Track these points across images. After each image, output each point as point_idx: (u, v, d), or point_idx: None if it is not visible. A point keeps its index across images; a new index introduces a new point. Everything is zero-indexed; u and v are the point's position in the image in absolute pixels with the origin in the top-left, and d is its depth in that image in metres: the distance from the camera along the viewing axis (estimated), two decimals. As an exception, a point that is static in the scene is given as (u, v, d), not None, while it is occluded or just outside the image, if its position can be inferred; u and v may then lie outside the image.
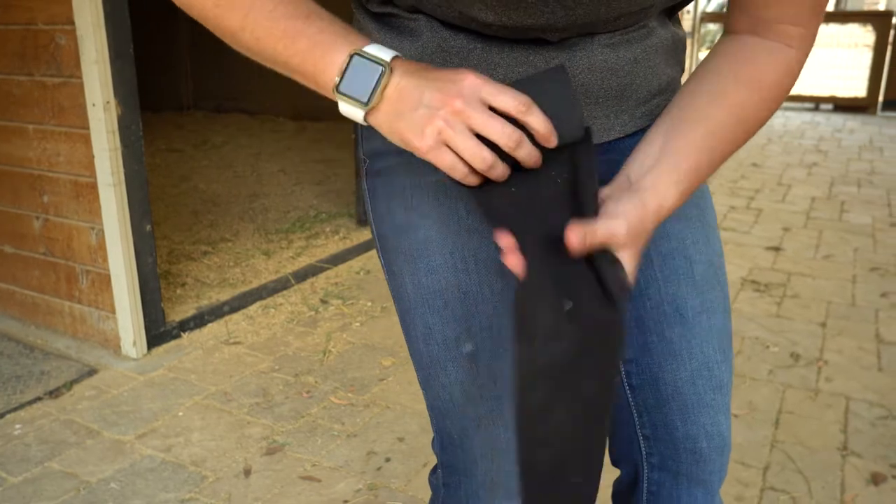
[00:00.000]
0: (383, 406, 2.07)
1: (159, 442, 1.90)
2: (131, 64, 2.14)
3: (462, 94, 0.61)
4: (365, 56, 0.63)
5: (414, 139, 0.62)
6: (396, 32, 0.76)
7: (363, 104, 0.63)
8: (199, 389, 2.15)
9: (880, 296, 2.81)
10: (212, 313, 2.56)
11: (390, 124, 0.64)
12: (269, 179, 4.42)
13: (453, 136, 0.61)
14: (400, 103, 0.63)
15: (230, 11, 0.67)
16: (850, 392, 2.12)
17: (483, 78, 0.62)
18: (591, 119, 0.77)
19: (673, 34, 0.79)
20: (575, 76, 0.73)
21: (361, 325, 2.58)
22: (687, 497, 0.84)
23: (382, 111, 0.64)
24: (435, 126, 0.61)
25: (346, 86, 0.64)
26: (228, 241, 3.27)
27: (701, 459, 0.83)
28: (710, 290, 0.82)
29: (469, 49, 0.73)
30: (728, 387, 0.85)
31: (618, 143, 0.81)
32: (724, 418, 0.84)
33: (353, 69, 0.63)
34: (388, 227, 0.81)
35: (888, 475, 1.75)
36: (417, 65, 0.64)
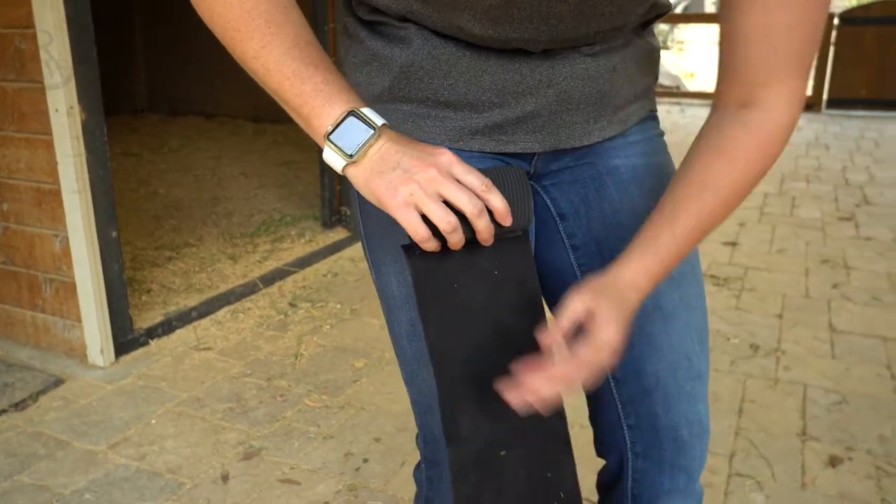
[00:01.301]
0: (358, 407, 2.09)
1: (133, 450, 1.88)
2: (95, 69, 2.12)
3: (438, 164, 0.68)
4: (360, 116, 0.70)
5: (387, 196, 0.68)
6: (387, 40, 0.79)
7: (347, 156, 0.70)
8: (171, 396, 2.13)
9: (832, 287, 2.92)
10: (180, 319, 2.54)
11: (367, 180, 0.70)
12: (230, 183, 4.38)
13: (424, 198, 0.67)
14: (380, 163, 0.70)
15: (248, 39, 0.71)
16: (807, 380, 2.21)
17: (457, 157, 0.69)
18: (572, 124, 0.81)
19: (647, 44, 0.84)
20: (558, 83, 0.78)
21: (332, 327, 2.59)
22: (669, 483, 0.89)
23: (361, 167, 0.70)
24: (409, 188, 0.68)
25: (337, 136, 0.70)
26: (193, 246, 3.24)
27: (683, 446, 0.87)
28: (687, 285, 0.86)
29: (458, 56, 0.76)
30: (706, 376, 0.89)
31: (595, 147, 0.85)
32: (702, 406, 0.88)
33: (346, 124, 0.70)
34: (375, 226, 0.84)
35: (844, 457, 1.84)
36: (401, 135, 0.72)
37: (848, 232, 3.62)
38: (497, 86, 0.77)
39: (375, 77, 0.81)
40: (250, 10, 0.70)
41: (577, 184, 0.87)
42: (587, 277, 0.87)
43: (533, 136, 0.81)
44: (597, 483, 1.00)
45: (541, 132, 0.80)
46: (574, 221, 0.87)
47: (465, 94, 0.78)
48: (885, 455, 1.85)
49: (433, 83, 0.78)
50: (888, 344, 2.44)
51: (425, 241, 0.69)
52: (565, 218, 0.88)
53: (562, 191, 0.87)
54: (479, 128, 0.79)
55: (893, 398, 2.11)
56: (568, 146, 0.82)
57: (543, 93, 0.78)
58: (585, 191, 0.86)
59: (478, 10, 0.70)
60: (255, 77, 0.74)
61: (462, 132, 0.79)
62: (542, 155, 0.85)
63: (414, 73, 0.78)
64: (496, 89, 0.77)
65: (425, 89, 0.78)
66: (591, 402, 0.94)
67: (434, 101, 0.79)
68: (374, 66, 0.81)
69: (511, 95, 0.78)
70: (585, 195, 0.86)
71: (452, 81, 0.77)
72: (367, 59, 0.81)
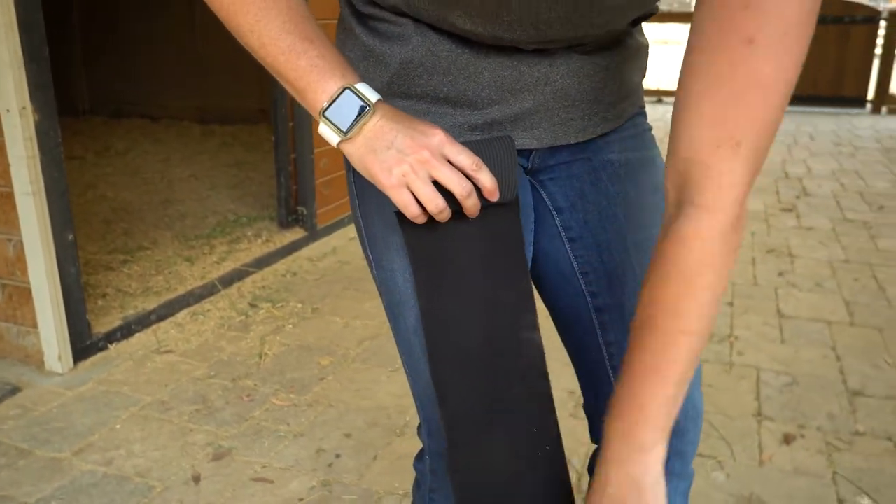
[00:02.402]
0: (326, 404, 2.09)
1: (98, 456, 1.85)
2: (47, 68, 2.07)
3: (430, 146, 0.70)
4: (355, 92, 0.71)
5: (380, 175, 0.71)
6: (385, 38, 0.80)
7: (342, 132, 0.71)
8: (135, 400, 2.10)
9: (778, 275, 3.04)
10: (139, 323, 2.50)
11: (361, 156, 0.72)
12: (181, 185, 4.31)
13: (415, 180, 0.70)
14: (374, 140, 0.71)
15: (243, 12, 0.72)
16: (759, 363, 2.30)
17: (449, 137, 0.71)
18: (569, 121, 0.84)
19: (636, 42, 0.87)
20: (555, 81, 0.80)
21: (294, 326, 2.58)
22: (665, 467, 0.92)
23: (356, 143, 0.72)
24: (402, 168, 0.70)
25: (332, 113, 0.71)
26: (147, 249, 3.19)
27: (678, 431, 0.90)
28: None
29: (458, 54, 0.78)
30: (698, 363, 0.93)
31: (591, 143, 0.88)
32: (696, 392, 0.92)
33: (341, 100, 0.71)
34: (378, 222, 0.85)
35: (797, 435, 1.92)
36: (396, 111, 0.73)
37: (790, 222, 3.77)
38: (496, 83, 0.79)
39: (373, 73, 0.81)
40: None
41: (574, 178, 0.89)
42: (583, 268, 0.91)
43: (531, 133, 0.83)
44: (589, 468, 1.04)
45: (538, 128, 0.83)
46: (570, 215, 0.90)
47: (465, 91, 0.79)
48: (834, 431, 1.94)
49: (432, 80, 0.79)
50: (832, 327, 2.55)
51: (416, 216, 0.72)
52: (562, 211, 0.90)
53: (558, 185, 0.90)
54: (478, 124, 0.81)
55: (839, 378, 2.21)
56: (565, 142, 0.85)
57: (541, 90, 0.80)
58: (581, 185, 0.89)
59: (469, 8, 0.72)
60: (249, 50, 0.74)
61: (461, 128, 0.81)
62: (539, 151, 0.87)
63: (413, 70, 0.79)
64: (495, 86, 0.79)
65: (424, 86, 0.80)
66: (587, 389, 0.97)
67: (433, 97, 0.80)
68: (370, 61, 0.81)
69: (509, 92, 0.79)
70: (581, 189, 0.89)
71: (452, 78, 0.79)
72: (363, 54, 0.82)
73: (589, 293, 0.92)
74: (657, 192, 0.91)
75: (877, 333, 2.51)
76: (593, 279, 0.91)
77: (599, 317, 0.92)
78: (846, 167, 5.05)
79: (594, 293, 0.92)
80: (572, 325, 0.95)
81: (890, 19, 7.36)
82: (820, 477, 1.76)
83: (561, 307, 0.96)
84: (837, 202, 4.16)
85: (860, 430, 1.95)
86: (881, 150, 5.65)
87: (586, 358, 0.95)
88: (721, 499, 1.68)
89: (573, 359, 0.98)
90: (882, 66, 7.34)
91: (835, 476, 1.76)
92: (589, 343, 0.94)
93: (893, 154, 5.48)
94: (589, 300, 0.92)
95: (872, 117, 7.21)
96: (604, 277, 0.91)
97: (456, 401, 0.79)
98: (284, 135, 3.31)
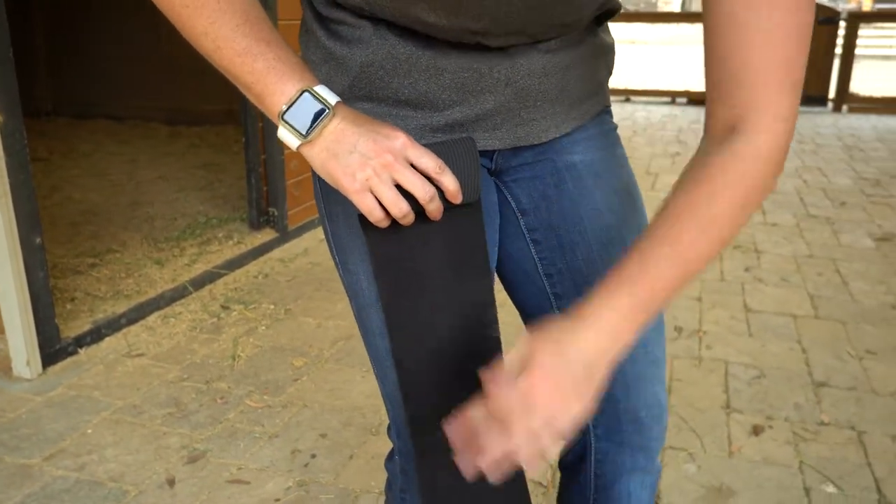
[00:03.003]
0: (301, 405, 2.09)
1: (70, 462, 1.83)
2: (12, 69, 2.04)
3: (393, 149, 0.70)
4: (314, 94, 0.71)
5: (343, 180, 0.71)
6: (345, 41, 0.80)
7: (302, 136, 0.71)
8: (106, 405, 2.08)
9: (744, 270, 3.11)
10: (109, 326, 2.47)
11: (323, 161, 0.72)
12: (149, 187, 4.26)
13: (379, 184, 0.70)
14: (336, 144, 0.71)
15: (196, 15, 0.71)
16: (727, 357, 2.35)
17: (411, 140, 0.71)
18: (530, 121, 0.84)
19: (601, 41, 0.88)
20: (516, 81, 0.80)
21: (267, 328, 2.57)
22: (630, 462, 0.95)
23: (317, 146, 0.72)
24: (365, 173, 0.70)
25: (291, 116, 0.71)
26: (116, 252, 3.15)
27: (642, 428, 0.93)
28: None
29: (418, 56, 0.78)
30: (662, 361, 0.95)
31: (553, 143, 0.89)
32: (660, 389, 0.94)
33: (300, 102, 0.71)
34: (343, 226, 0.85)
35: (765, 426, 1.97)
36: (356, 113, 0.73)
37: (755, 219, 3.85)
38: (457, 84, 0.79)
39: (334, 76, 0.81)
40: None
41: (537, 179, 0.90)
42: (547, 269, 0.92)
43: (492, 134, 0.83)
44: (559, 463, 1.05)
45: (500, 129, 0.83)
46: (535, 216, 0.90)
47: (426, 93, 0.79)
48: (800, 422, 1.99)
49: (393, 82, 0.79)
50: (798, 321, 2.61)
51: (379, 221, 0.72)
52: (526, 213, 0.91)
53: (522, 187, 0.90)
54: (440, 126, 0.81)
55: (805, 370, 2.27)
56: (527, 143, 0.85)
57: (502, 91, 0.80)
58: (544, 186, 0.89)
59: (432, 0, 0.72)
60: (204, 54, 0.73)
61: (423, 130, 0.81)
62: (502, 151, 0.87)
63: (374, 73, 0.79)
64: (456, 87, 0.79)
65: (385, 88, 0.80)
66: None
67: (394, 99, 0.80)
68: (332, 65, 0.81)
69: (471, 93, 0.79)
70: (545, 191, 0.89)
71: (412, 80, 0.79)
72: (324, 57, 0.82)
73: (553, 294, 0.93)
74: (621, 192, 0.92)
75: (840, 326, 2.57)
76: (557, 280, 0.92)
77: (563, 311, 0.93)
78: (809, 164, 5.16)
79: (558, 294, 0.93)
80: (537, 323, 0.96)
81: (849, 20, 7.53)
82: (787, 466, 1.80)
83: (527, 308, 0.97)
84: (801, 199, 4.25)
85: (825, 420, 2.00)
86: (842, 147, 5.78)
87: None
88: (692, 490, 1.71)
89: None
90: (842, 66, 7.50)
91: (801, 465, 1.80)
92: None
93: (854, 151, 5.61)
94: (553, 301, 0.93)
95: (833, 115, 7.37)
96: (568, 279, 0.92)
97: (420, 401, 0.80)
98: (254, 136, 3.29)
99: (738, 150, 0.67)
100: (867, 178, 4.79)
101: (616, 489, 0.96)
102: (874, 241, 3.51)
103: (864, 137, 6.22)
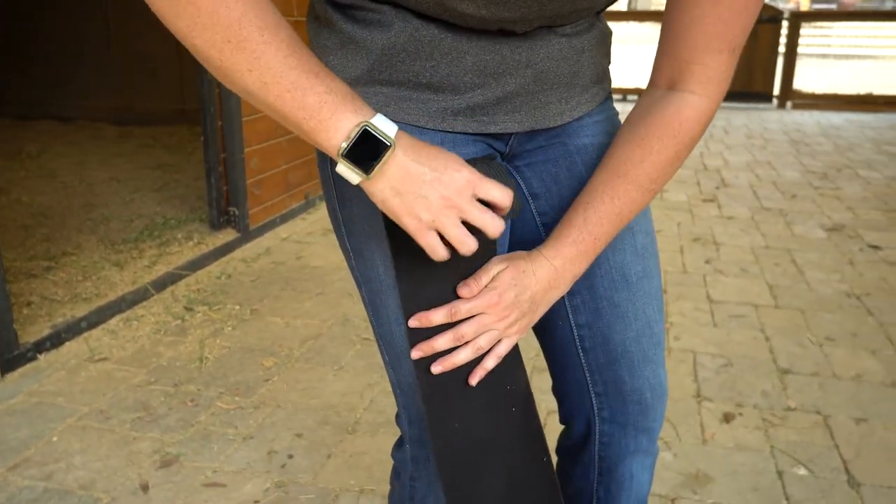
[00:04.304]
0: (274, 406, 2.06)
1: (36, 471, 1.77)
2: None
3: (459, 190, 0.70)
4: (373, 130, 0.67)
5: (407, 219, 0.70)
6: (363, 24, 0.78)
7: (364, 175, 0.68)
8: (71, 411, 2.01)
9: (705, 262, 3.17)
10: (69, 331, 2.39)
11: (385, 199, 0.70)
12: (101, 189, 4.14)
13: (446, 225, 0.71)
14: (401, 184, 0.69)
15: (240, 51, 0.65)
16: (694, 347, 2.39)
17: (476, 175, 0.71)
18: (547, 104, 0.85)
19: (604, 27, 0.90)
20: (536, 63, 0.81)
21: (234, 328, 2.53)
22: (634, 444, 0.96)
23: (380, 183, 0.69)
24: (432, 214, 0.70)
25: (352, 154, 0.67)
26: (71, 255, 3.05)
27: (646, 409, 0.94)
28: (649, 256, 0.93)
29: (440, 38, 0.77)
30: (664, 342, 0.97)
31: (565, 127, 0.89)
32: (662, 371, 0.95)
33: (359, 139, 0.67)
34: (359, 210, 0.84)
35: (736, 413, 2.01)
36: (417, 144, 0.70)
37: (712, 212, 3.93)
38: (478, 67, 0.79)
39: (351, 61, 0.80)
40: (240, 18, 0.63)
41: (549, 163, 0.90)
42: None
43: (512, 117, 0.83)
44: (557, 448, 1.06)
45: (519, 112, 0.83)
46: (546, 200, 0.91)
47: (447, 76, 0.79)
48: (769, 408, 2.04)
49: (415, 65, 0.78)
50: (759, 310, 2.68)
51: (441, 258, 0.73)
52: (537, 197, 0.91)
53: (534, 170, 0.91)
54: (461, 109, 0.81)
55: (769, 357, 2.33)
56: (544, 126, 0.86)
57: (522, 73, 0.80)
58: (557, 169, 0.90)
59: None
60: (245, 94, 0.67)
61: (444, 113, 0.81)
62: (518, 135, 0.88)
63: (395, 56, 0.78)
64: (477, 70, 0.79)
65: (406, 72, 0.79)
66: (557, 373, 0.99)
67: (415, 83, 0.79)
68: (349, 49, 0.80)
69: (492, 76, 0.79)
70: (556, 174, 0.90)
71: (434, 63, 0.78)
72: (341, 42, 0.80)
73: None
74: None
75: (800, 315, 2.65)
76: None
77: (571, 300, 0.94)
78: (759, 159, 5.30)
79: None
80: None
81: (791, 19, 7.76)
82: (759, 451, 1.84)
83: None
84: (754, 192, 4.37)
85: (792, 405, 2.05)
86: (789, 142, 5.96)
87: (556, 340, 0.97)
88: (670, 477, 1.74)
89: (543, 341, 1.00)
90: (786, 64, 7.73)
91: (773, 450, 1.85)
92: (559, 326, 0.96)
93: (801, 146, 5.79)
94: None
95: (779, 112, 7.59)
96: None
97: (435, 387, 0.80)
98: (213, 135, 3.23)
99: (673, 109, 0.78)
100: (814, 171, 4.95)
101: (619, 471, 0.97)
102: (825, 231, 3.63)
103: (808, 132, 6.42)
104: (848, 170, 4.99)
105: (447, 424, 0.81)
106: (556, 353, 0.99)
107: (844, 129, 6.66)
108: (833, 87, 8.29)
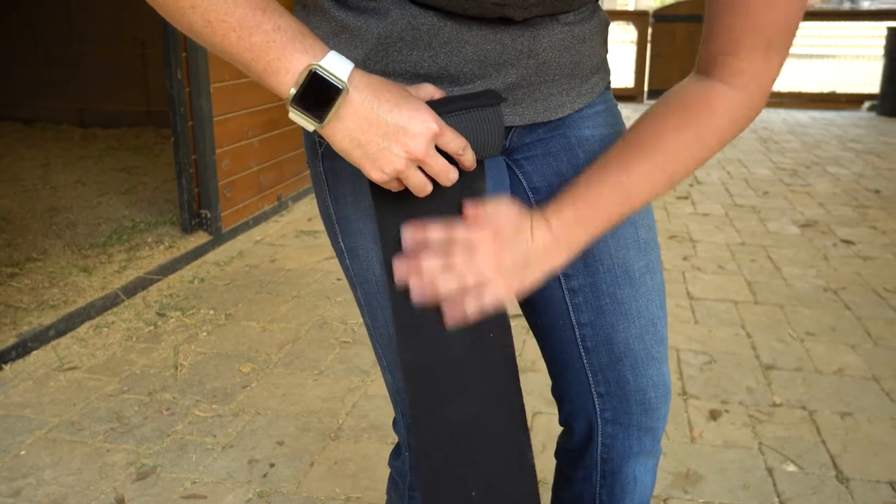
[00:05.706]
0: (253, 413, 1.99)
1: (4, 487, 1.69)
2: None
3: (423, 139, 0.65)
4: (322, 72, 0.62)
5: (371, 171, 0.66)
6: (358, 12, 0.74)
7: (317, 122, 0.64)
8: (40, 423, 1.93)
9: (683, 259, 3.17)
10: (35, 339, 2.30)
11: (346, 149, 0.65)
12: (66, 192, 4.03)
13: (407, 173, 0.66)
14: (360, 134, 0.64)
15: None
16: (678, 345, 2.38)
17: (439, 123, 0.66)
18: (549, 96, 0.82)
19: (604, 16, 0.87)
20: (538, 53, 0.78)
21: (209, 334, 2.46)
22: (637, 445, 0.92)
23: (338, 132, 0.65)
24: (394, 166, 0.65)
25: (302, 101, 0.63)
26: (37, 261, 2.95)
27: (650, 409, 0.91)
28: (651, 251, 0.90)
29: (439, 27, 0.74)
30: (667, 339, 0.94)
31: (565, 119, 0.86)
32: (666, 369, 0.92)
33: (309, 82, 0.62)
34: (353, 208, 0.80)
35: (722, 410, 2.00)
36: (374, 84, 0.65)
37: (687, 209, 3.95)
38: (479, 56, 0.75)
39: (345, 50, 0.75)
40: None
41: (550, 156, 0.87)
42: None
43: (513, 109, 0.80)
44: (557, 451, 1.02)
45: (521, 104, 0.80)
46: (546, 195, 0.88)
47: (446, 66, 0.75)
48: (754, 404, 2.03)
49: (412, 55, 0.74)
50: (739, 306, 2.68)
51: (396, 188, 0.69)
52: (538, 191, 0.88)
53: (535, 165, 0.88)
54: None
55: (752, 353, 2.33)
56: (545, 119, 0.83)
57: (524, 63, 0.77)
58: (558, 163, 0.87)
59: None
60: (195, 37, 0.64)
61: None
62: (518, 128, 0.84)
63: (392, 45, 0.74)
64: (478, 60, 0.75)
65: (404, 62, 0.75)
66: (558, 374, 0.96)
67: (413, 73, 0.75)
68: (342, 37, 0.75)
69: (492, 66, 0.76)
70: (558, 167, 0.87)
71: (433, 53, 0.74)
72: (334, 30, 0.76)
73: (563, 274, 0.90)
74: None
75: (779, 310, 2.65)
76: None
77: (573, 298, 0.91)
78: (730, 156, 5.34)
79: (568, 274, 0.90)
80: (545, 306, 0.93)
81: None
82: (748, 448, 1.83)
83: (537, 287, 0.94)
84: (727, 189, 4.40)
85: (777, 401, 2.05)
86: (758, 139, 6.03)
87: (558, 338, 0.94)
88: (661, 477, 1.72)
89: (542, 341, 0.97)
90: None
91: (761, 447, 1.84)
92: (561, 324, 0.92)
93: (770, 143, 5.86)
94: (563, 281, 0.91)
95: (746, 110, 7.68)
96: (579, 258, 0.89)
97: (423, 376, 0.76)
98: (184, 136, 3.15)
99: (699, 91, 0.74)
100: (784, 168, 5.00)
101: (623, 473, 0.94)
102: (799, 227, 3.66)
103: (776, 130, 6.51)
104: (817, 166, 5.05)
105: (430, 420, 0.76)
106: (556, 353, 0.95)
107: (810, 126, 6.76)
108: (797, 86, 8.42)
